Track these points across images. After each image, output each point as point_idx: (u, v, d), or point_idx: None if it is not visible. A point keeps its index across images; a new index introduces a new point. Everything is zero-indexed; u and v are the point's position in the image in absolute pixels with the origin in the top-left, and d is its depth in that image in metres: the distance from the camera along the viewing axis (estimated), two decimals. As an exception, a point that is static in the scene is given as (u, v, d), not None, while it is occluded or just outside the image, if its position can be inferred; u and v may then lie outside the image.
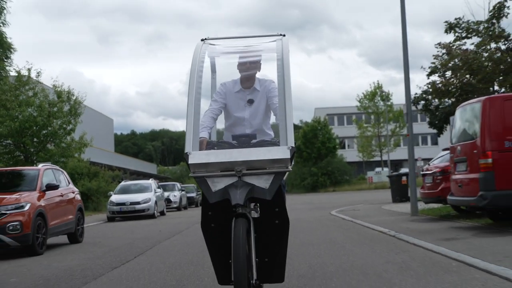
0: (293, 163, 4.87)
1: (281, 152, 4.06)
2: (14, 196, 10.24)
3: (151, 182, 23.87)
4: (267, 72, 5.10)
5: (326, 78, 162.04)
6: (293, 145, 4.10)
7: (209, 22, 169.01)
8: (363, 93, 55.02)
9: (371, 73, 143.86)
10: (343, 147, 73.30)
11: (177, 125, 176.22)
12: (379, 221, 12.67)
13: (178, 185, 31.92)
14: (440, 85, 15.25)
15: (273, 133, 5.02)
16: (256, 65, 4.99)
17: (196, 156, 4.12)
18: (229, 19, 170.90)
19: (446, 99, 15.41)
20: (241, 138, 4.59)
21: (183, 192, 31.35)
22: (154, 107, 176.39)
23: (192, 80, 4.43)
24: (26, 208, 10.06)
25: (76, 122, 23.40)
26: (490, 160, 8.98)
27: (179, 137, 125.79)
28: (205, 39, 4.98)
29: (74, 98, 23.76)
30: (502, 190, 8.90)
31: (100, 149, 43.01)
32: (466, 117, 9.99)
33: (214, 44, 5.01)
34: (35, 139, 22.57)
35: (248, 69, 4.96)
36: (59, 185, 11.71)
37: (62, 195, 11.76)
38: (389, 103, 54.51)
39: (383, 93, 53.93)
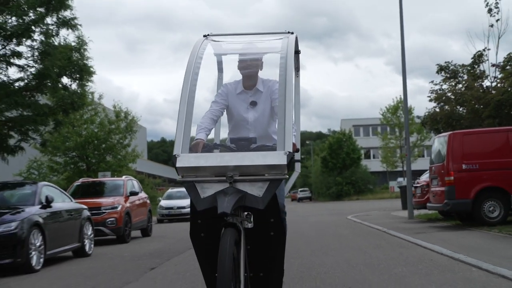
0: (298, 170, 5.11)
1: (277, 157, 3.80)
2: (110, 199, 14.29)
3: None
4: (272, 72, 4.86)
5: (354, 86, 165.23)
6: (291, 150, 3.83)
7: (236, 30, 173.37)
8: (386, 107, 58.52)
9: (399, 81, 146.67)
10: (369, 157, 76.80)
11: (223, 134, 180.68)
12: (380, 222, 16.39)
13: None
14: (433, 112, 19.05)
15: None
16: (257, 63, 4.78)
17: (185, 159, 3.87)
18: (255, 27, 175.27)
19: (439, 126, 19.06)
20: (240, 142, 4.39)
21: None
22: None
23: (187, 76, 4.21)
24: (119, 208, 14.09)
25: (131, 138, 27.59)
26: (452, 178, 12.70)
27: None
28: (208, 35, 4.77)
29: (130, 117, 27.99)
30: (460, 199, 12.62)
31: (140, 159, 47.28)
32: (439, 145, 13.72)
33: (217, 41, 4.80)
34: (96, 152, 26.80)
35: (249, 68, 4.74)
36: (138, 192, 15.75)
37: (139, 199, 15.79)
38: (411, 116, 57.83)
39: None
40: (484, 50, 18.85)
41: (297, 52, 5.01)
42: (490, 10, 21.05)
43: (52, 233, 9.60)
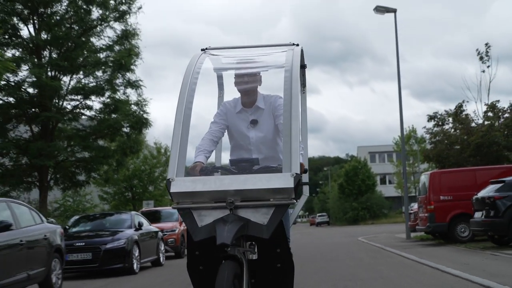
0: (307, 194, 4.78)
1: (283, 180, 3.47)
2: (169, 224, 18.58)
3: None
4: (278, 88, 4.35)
5: (369, 110, 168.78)
6: (298, 172, 3.49)
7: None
8: (398, 136, 62.55)
9: (414, 105, 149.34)
10: (385, 183, 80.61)
11: (223, 156, 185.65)
12: (382, 242, 20.45)
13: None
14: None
15: None
16: (255, 78, 4.46)
17: (180, 184, 3.55)
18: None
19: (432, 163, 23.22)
20: (241, 164, 4.05)
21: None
22: (198, 139, 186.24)
23: (182, 94, 3.93)
24: (176, 231, 18.37)
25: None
26: (432, 206, 16.83)
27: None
28: (206, 49, 4.50)
29: (169, 152, 32.53)
30: (439, 223, 16.72)
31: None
32: (424, 181, 17.86)
33: (216, 55, 4.53)
34: (140, 183, 31.24)
35: (246, 83, 4.44)
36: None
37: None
38: (423, 145, 61.79)
39: (417, 138, 61.27)
40: (463, 102, 23.27)
41: (303, 66, 4.74)
42: (481, 58, 25.37)
43: (143, 247, 13.89)
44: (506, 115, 22.03)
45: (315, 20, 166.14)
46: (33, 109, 20.71)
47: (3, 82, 18.33)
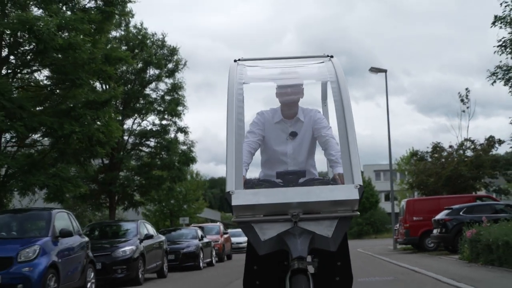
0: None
1: (348, 191, 3.50)
2: (215, 236, 25.42)
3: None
4: (311, 100, 4.39)
5: (375, 125, 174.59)
6: (361, 184, 3.53)
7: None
8: (400, 157, 69.31)
9: (420, 120, 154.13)
10: (388, 199, 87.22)
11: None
12: (375, 251, 27.14)
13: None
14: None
15: (317, 172, 4.65)
16: (298, 89, 4.52)
17: (242, 196, 3.53)
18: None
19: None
20: (288, 176, 4.07)
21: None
22: (205, 152, 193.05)
23: (230, 105, 3.94)
24: (219, 241, 25.19)
25: (201, 193, 39.10)
26: (408, 225, 23.61)
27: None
28: (239, 59, 4.55)
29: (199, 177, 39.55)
30: (412, 237, 23.50)
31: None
32: (403, 205, 24.63)
33: (247, 66, 4.55)
34: (177, 203, 38.17)
35: (290, 94, 4.48)
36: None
37: (226, 236, 26.99)
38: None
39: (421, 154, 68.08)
40: (438, 143, 30.18)
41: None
42: (462, 100, 32.29)
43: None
44: (471, 153, 28.84)
45: (320, 35, 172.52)
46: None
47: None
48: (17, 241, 10.38)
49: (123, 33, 27.61)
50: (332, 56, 4.52)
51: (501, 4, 13.44)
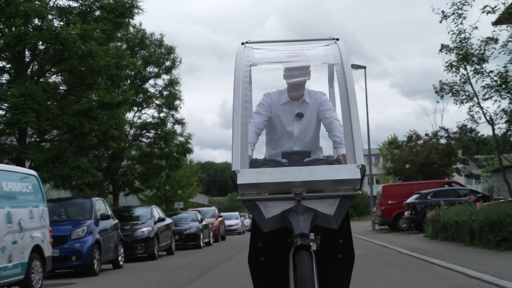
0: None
1: (350, 171, 3.67)
2: (211, 219, 28.47)
3: (236, 213, 42.33)
4: (317, 82, 4.67)
5: (360, 109, 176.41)
6: (363, 163, 3.71)
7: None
8: (382, 143, 72.64)
9: (404, 103, 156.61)
10: (373, 183, 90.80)
11: (214, 154, 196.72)
12: (355, 231, 30.06)
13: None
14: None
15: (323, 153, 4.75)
16: (305, 71, 4.64)
17: (246, 175, 3.68)
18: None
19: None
20: (293, 156, 4.18)
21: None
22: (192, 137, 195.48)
23: (237, 86, 4.06)
24: (215, 224, 28.24)
25: (194, 179, 42.14)
26: (383, 208, 26.83)
27: (224, 169, 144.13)
28: (246, 42, 4.65)
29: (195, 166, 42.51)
30: (387, 218, 26.75)
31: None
32: (379, 190, 27.85)
33: (255, 49, 4.65)
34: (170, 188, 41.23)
35: (297, 77, 4.62)
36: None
37: (220, 219, 30.10)
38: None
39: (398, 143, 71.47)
40: (415, 132, 33.43)
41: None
42: (436, 92, 35.46)
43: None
44: (444, 140, 32.11)
45: (303, 20, 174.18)
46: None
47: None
48: (69, 223, 13.37)
49: (124, 32, 30.37)
50: (338, 39, 4.59)
51: (448, 32, 16.36)
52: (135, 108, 31.23)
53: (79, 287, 11.20)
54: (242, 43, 4.58)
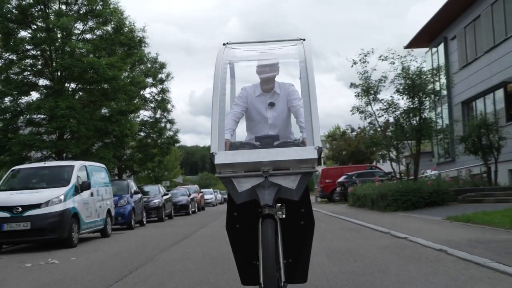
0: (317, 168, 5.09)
1: (309, 152, 3.89)
2: (194, 194, 34.07)
3: (211, 190, 48.00)
4: (287, 76, 5.73)
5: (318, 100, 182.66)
6: (320, 146, 3.93)
7: (207, 51, 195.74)
8: (328, 131, 78.93)
9: (349, 94, 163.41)
10: (320, 164, 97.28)
11: (185, 138, 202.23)
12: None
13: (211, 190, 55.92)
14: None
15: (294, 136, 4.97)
16: (275, 67, 4.90)
17: (222, 156, 3.95)
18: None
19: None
20: (264, 140, 4.52)
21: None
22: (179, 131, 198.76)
23: (216, 82, 4.31)
24: (197, 197, 33.84)
25: (178, 163, 47.50)
26: (322, 185, 33.02)
27: (194, 151, 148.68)
28: (227, 43, 4.89)
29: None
30: (325, 193, 32.93)
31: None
32: (319, 172, 33.88)
33: (235, 49, 4.90)
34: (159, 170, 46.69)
35: (267, 72, 4.85)
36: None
37: (200, 195, 35.74)
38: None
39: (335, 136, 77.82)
40: (350, 125, 39.65)
41: None
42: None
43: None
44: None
45: (260, 20, 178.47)
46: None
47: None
48: (116, 196, 18.88)
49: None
50: (304, 40, 4.85)
51: (357, 73, 21.95)
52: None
53: (126, 234, 16.75)
54: (224, 44, 4.85)
